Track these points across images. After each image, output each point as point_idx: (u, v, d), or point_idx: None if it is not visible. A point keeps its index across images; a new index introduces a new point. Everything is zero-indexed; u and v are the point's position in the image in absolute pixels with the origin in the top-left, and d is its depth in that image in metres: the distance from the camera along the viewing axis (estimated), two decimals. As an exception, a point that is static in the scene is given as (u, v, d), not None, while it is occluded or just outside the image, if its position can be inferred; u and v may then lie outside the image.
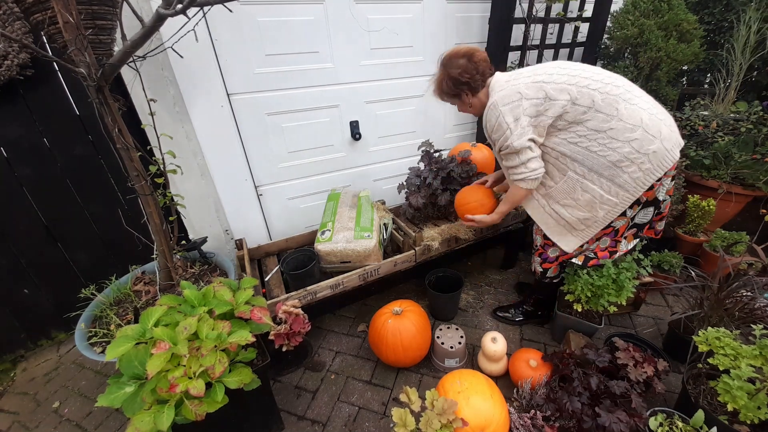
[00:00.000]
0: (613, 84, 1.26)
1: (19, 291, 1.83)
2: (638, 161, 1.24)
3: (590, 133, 1.26)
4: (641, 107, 1.23)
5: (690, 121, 2.38)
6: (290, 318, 1.48)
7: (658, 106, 1.30)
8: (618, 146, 1.24)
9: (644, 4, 2.35)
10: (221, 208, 2.01)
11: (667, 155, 1.23)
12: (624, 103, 1.23)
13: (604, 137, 1.25)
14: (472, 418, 1.18)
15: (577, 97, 1.25)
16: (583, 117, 1.26)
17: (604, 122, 1.24)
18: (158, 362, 0.94)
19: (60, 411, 1.65)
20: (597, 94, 1.24)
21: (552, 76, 1.29)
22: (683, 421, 1.20)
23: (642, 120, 1.22)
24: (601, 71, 1.33)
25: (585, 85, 1.25)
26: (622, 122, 1.22)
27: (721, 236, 2.10)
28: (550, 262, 1.64)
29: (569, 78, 1.28)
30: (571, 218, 1.41)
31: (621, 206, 1.33)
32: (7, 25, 1.38)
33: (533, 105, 1.28)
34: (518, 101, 1.29)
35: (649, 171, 1.25)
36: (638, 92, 1.29)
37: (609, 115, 1.23)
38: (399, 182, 2.09)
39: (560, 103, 1.25)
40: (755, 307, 1.44)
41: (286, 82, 1.92)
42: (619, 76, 1.33)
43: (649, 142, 1.22)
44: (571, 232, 1.46)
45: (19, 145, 1.62)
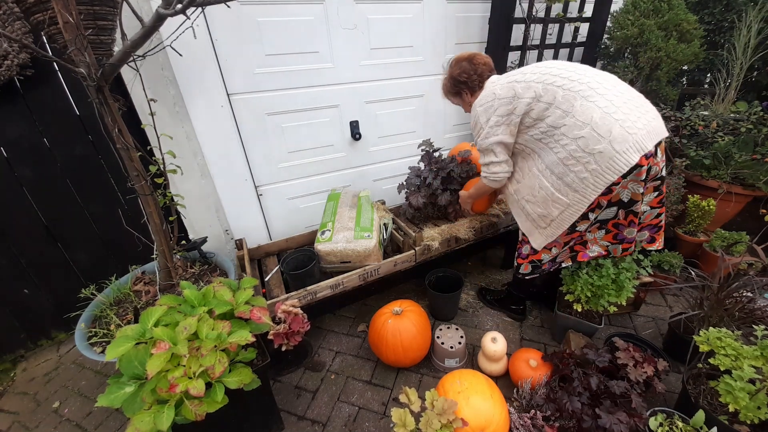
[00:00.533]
0: (578, 81, 1.23)
1: (19, 291, 1.83)
2: (583, 161, 1.19)
3: (549, 129, 1.27)
4: (598, 105, 1.17)
5: (690, 121, 2.38)
6: (289, 317, 1.47)
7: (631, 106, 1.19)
8: (566, 143, 1.22)
9: (644, 4, 2.35)
10: (221, 208, 2.01)
11: (618, 157, 1.14)
12: (581, 100, 1.20)
13: (558, 134, 1.25)
14: (472, 418, 1.18)
15: (542, 94, 1.27)
16: (545, 113, 1.27)
17: (560, 118, 1.23)
18: (158, 362, 0.94)
19: (60, 411, 1.65)
20: (560, 90, 1.24)
21: (526, 75, 1.34)
22: (683, 421, 1.20)
23: (592, 118, 1.17)
24: (580, 68, 1.30)
25: (551, 82, 1.26)
26: (574, 119, 1.20)
27: (721, 236, 2.10)
28: (523, 258, 1.65)
29: (540, 76, 1.30)
30: (533, 214, 1.43)
31: (573, 208, 1.28)
32: (7, 25, 1.38)
33: (503, 104, 1.34)
34: (491, 101, 1.37)
35: (597, 172, 1.18)
36: (607, 90, 1.21)
37: (565, 111, 1.22)
38: (399, 182, 2.09)
39: (525, 101, 1.29)
40: (755, 307, 1.44)
41: (286, 82, 1.92)
42: (599, 72, 1.29)
43: (595, 141, 1.16)
44: (537, 229, 1.46)
45: (19, 145, 1.62)
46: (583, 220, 1.34)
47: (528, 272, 1.67)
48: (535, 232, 1.48)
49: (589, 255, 1.53)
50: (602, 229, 1.44)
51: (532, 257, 1.59)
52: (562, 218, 1.33)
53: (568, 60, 2.57)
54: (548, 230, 1.41)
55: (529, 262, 1.62)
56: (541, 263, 1.59)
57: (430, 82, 2.31)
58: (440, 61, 2.28)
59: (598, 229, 1.45)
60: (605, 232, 1.45)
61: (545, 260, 1.57)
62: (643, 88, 2.52)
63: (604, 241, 1.48)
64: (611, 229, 1.42)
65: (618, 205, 1.33)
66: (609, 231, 1.43)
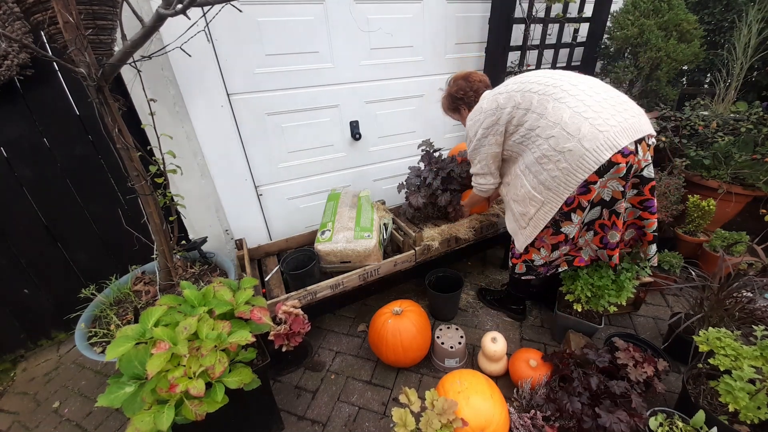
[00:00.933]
0: (552, 85, 1.28)
1: (19, 291, 1.83)
2: (554, 159, 1.22)
3: (527, 132, 1.33)
4: (568, 105, 1.21)
5: (690, 121, 2.37)
6: (290, 318, 1.48)
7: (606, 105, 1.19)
8: (540, 143, 1.27)
9: (644, 4, 2.35)
10: (221, 208, 2.01)
11: (587, 155, 1.15)
12: (553, 102, 1.24)
13: (533, 135, 1.30)
14: (472, 418, 1.18)
15: (520, 102, 1.33)
16: (524, 119, 1.33)
17: (536, 121, 1.28)
18: (158, 362, 0.94)
19: (60, 411, 1.65)
20: (535, 96, 1.29)
21: (508, 86, 1.40)
22: (683, 421, 1.20)
23: (562, 118, 1.20)
24: (559, 74, 1.34)
25: (528, 89, 1.32)
26: (546, 120, 1.24)
27: (721, 236, 2.10)
28: (517, 258, 1.65)
29: (520, 85, 1.36)
30: (517, 213, 1.47)
31: (548, 206, 1.30)
32: (7, 25, 1.38)
33: (488, 116, 1.41)
34: (478, 115, 1.45)
35: (567, 171, 1.20)
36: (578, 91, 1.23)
37: (540, 114, 1.27)
38: (399, 182, 2.09)
39: (507, 111, 1.36)
40: (755, 308, 1.44)
41: (286, 82, 1.92)
42: (579, 76, 1.32)
43: (564, 140, 1.19)
44: (519, 229, 1.49)
45: (19, 145, 1.62)
46: (566, 221, 1.34)
47: (523, 272, 1.66)
48: (518, 232, 1.52)
49: (585, 259, 1.52)
50: (590, 230, 1.44)
51: (524, 257, 1.60)
52: (538, 217, 1.37)
53: (567, 60, 2.58)
54: (527, 230, 1.44)
55: (523, 262, 1.63)
56: (533, 263, 1.58)
57: (430, 82, 2.31)
58: (440, 60, 2.28)
59: (587, 230, 1.45)
60: (593, 234, 1.45)
61: (537, 261, 1.56)
62: (643, 88, 2.53)
63: (594, 244, 1.48)
64: (598, 230, 1.42)
65: (601, 205, 1.33)
66: (596, 233, 1.43)
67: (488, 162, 1.51)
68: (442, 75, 2.33)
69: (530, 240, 1.45)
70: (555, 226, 1.37)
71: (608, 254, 1.46)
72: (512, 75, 2.35)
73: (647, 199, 1.34)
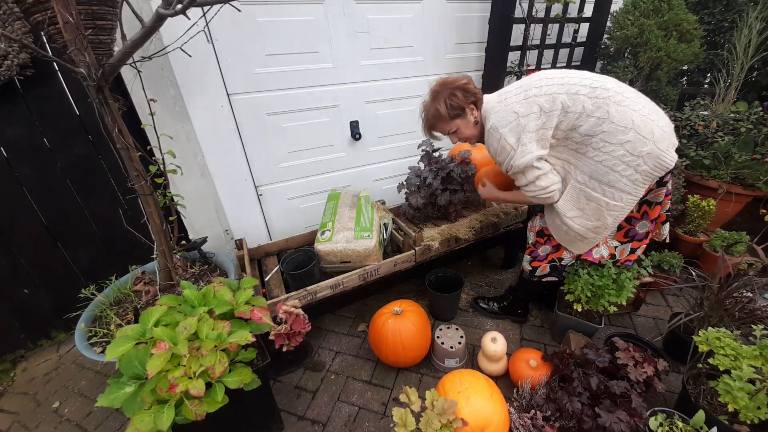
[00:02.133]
0: (602, 87, 1.25)
1: (19, 291, 1.83)
2: (634, 164, 1.22)
3: (584, 138, 1.27)
4: (632, 108, 1.21)
5: (690, 121, 2.38)
6: (290, 318, 1.48)
7: (650, 106, 1.27)
8: (612, 149, 1.23)
9: (644, 4, 2.35)
10: (221, 208, 2.01)
11: (663, 155, 1.20)
12: (615, 106, 1.22)
13: (598, 141, 1.24)
14: (472, 418, 1.18)
15: (569, 105, 1.26)
16: (576, 123, 1.26)
17: (596, 126, 1.24)
18: (158, 362, 0.94)
19: (60, 411, 1.65)
20: (586, 99, 1.25)
21: (542, 88, 1.30)
22: (683, 421, 1.20)
23: (633, 121, 1.20)
24: (588, 75, 1.32)
25: (575, 92, 1.26)
26: (614, 125, 1.21)
27: (721, 236, 2.10)
28: (540, 261, 1.64)
29: (559, 87, 1.29)
30: (581, 229, 1.39)
31: (627, 209, 1.31)
32: (7, 25, 1.38)
33: (531, 120, 1.29)
34: (515, 120, 1.30)
35: (647, 172, 1.23)
36: (629, 93, 1.27)
37: (600, 118, 1.23)
38: (399, 182, 2.09)
39: (555, 113, 1.27)
40: (755, 308, 1.44)
41: (286, 82, 1.92)
42: (608, 78, 1.32)
43: (641, 143, 1.19)
44: (582, 240, 1.44)
45: (19, 145, 1.62)
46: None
47: (546, 273, 1.66)
48: (577, 243, 1.47)
49: (594, 256, 1.52)
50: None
51: (552, 255, 1.58)
52: (615, 223, 1.37)
53: (567, 60, 2.57)
54: (598, 238, 1.43)
55: (549, 263, 1.62)
56: (561, 261, 1.59)
57: (430, 82, 2.30)
58: (440, 60, 2.28)
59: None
60: (618, 228, 1.45)
61: (566, 259, 1.57)
62: (643, 88, 2.52)
63: (615, 240, 1.48)
64: (623, 224, 1.43)
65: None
66: (621, 227, 1.44)
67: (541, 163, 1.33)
68: (442, 75, 2.31)
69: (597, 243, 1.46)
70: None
71: (632, 247, 1.49)
72: (512, 75, 2.35)
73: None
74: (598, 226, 1.36)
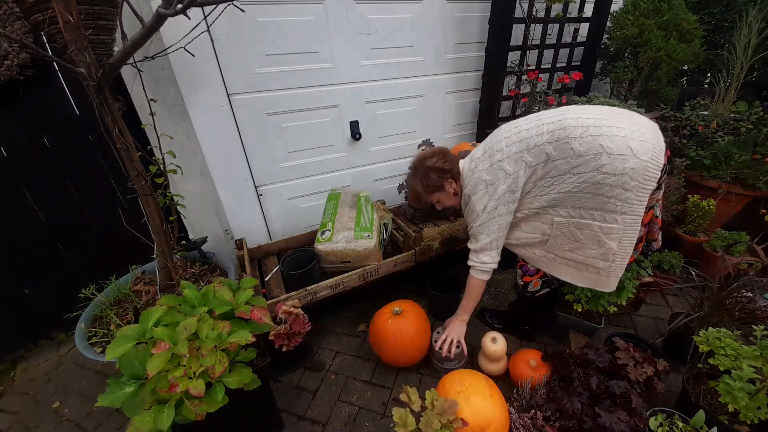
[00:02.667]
0: (559, 127, 1.22)
1: (19, 291, 1.83)
2: (620, 182, 1.17)
3: (556, 179, 1.26)
4: (596, 135, 1.17)
5: (690, 121, 2.37)
6: (290, 318, 1.48)
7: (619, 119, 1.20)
8: (589, 176, 1.19)
9: (644, 4, 2.35)
10: (221, 208, 2.01)
11: (649, 166, 1.15)
12: (576, 141, 1.19)
13: (570, 176, 1.23)
14: (472, 418, 1.18)
15: (531, 159, 1.26)
16: (543, 171, 1.26)
17: (564, 165, 1.22)
18: (158, 362, 0.94)
19: (60, 411, 1.65)
20: (547, 146, 1.23)
21: (503, 151, 1.32)
22: (683, 421, 1.20)
23: (602, 146, 1.16)
24: (545, 116, 1.29)
25: (534, 145, 1.26)
26: (582, 158, 1.19)
27: (721, 236, 2.10)
28: (531, 275, 1.60)
29: (518, 145, 1.29)
30: (587, 258, 1.34)
31: (630, 230, 1.23)
32: (7, 25, 1.38)
33: (498, 186, 1.33)
34: (484, 188, 1.36)
35: (638, 187, 1.17)
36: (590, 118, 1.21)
37: (566, 158, 1.21)
38: (399, 182, 2.09)
39: (521, 173, 1.29)
40: (755, 307, 1.44)
41: (286, 82, 1.92)
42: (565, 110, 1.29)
43: (621, 161, 1.15)
44: (599, 272, 1.35)
45: (19, 145, 1.62)
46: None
47: (537, 289, 1.62)
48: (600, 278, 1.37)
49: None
50: None
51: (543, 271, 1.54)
52: (623, 246, 1.27)
53: (567, 60, 2.57)
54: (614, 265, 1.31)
55: (540, 278, 1.58)
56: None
57: (430, 82, 2.31)
58: (440, 60, 2.28)
59: None
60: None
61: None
62: (643, 88, 2.52)
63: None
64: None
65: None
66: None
67: (500, 235, 1.40)
68: (442, 75, 2.33)
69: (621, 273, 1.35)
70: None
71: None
72: (512, 75, 2.35)
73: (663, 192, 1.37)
74: (604, 252, 1.29)
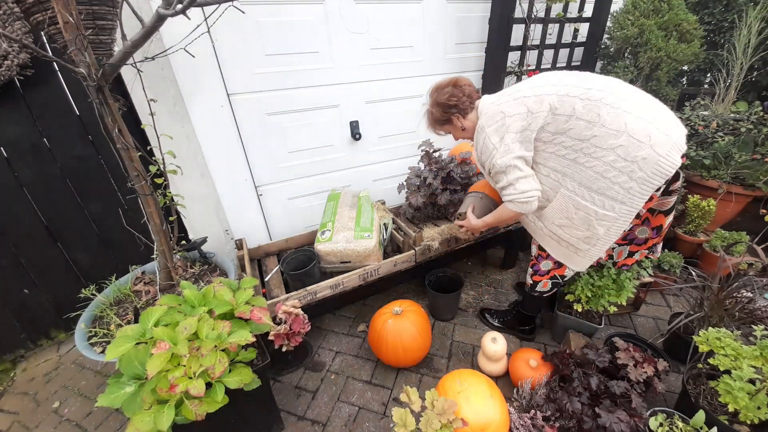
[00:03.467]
0: (595, 89, 1.18)
1: (19, 291, 1.83)
2: (627, 170, 1.12)
3: (574, 143, 1.20)
4: (626, 110, 1.12)
5: (690, 121, 2.38)
6: (290, 318, 1.48)
7: (654, 109, 1.16)
8: (602, 155, 1.15)
9: (644, 4, 2.35)
10: (221, 208, 2.01)
11: (662, 161, 1.09)
12: (606, 108, 1.14)
13: (589, 146, 1.17)
14: (472, 418, 1.18)
15: (557, 106, 1.21)
16: (565, 126, 1.20)
17: (586, 130, 1.16)
18: (158, 362, 0.94)
19: (60, 411, 1.65)
20: (578, 100, 1.18)
21: (533, 89, 1.27)
22: (683, 421, 1.20)
23: (626, 124, 1.11)
24: (589, 76, 1.25)
25: (565, 93, 1.20)
26: (605, 128, 1.13)
27: (721, 236, 2.10)
28: (541, 275, 1.59)
29: (550, 88, 1.24)
30: (571, 238, 1.33)
31: (622, 220, 1.21)
32: (7, 25, 1.38)
33: (516, 120, 1.26)
34: (501, 120, 1.29)
35: (643, 180, 1.12)
36: (626, 94, 1.17)
37: (590, 121, 1.15)
38: (399, 182, 2.09)
39: (542, 115, 1.23)
40: (755, 307, 1.44)
41: (286, 82, 1.92)
42: (610, 79, 1.24)
43: (636, 147, 1.10)
44: (577, 252, 1.36)
45: (19, 145, 1.62)
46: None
47: (548, 289, 1.61)
48: (574, 257, 1.38)
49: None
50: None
51: (555, 272, 1.52)
52: (610, 234, 1.25)
53: (567, 60, 2.57)
54: (594, 250, 1.32)
55: (550, 278, 1.56)
56: (564, 278, 1.54)
57: (430, 82, 2.30)
58: (440, 60, 2.28)
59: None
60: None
61: (568, 273, 1.51)
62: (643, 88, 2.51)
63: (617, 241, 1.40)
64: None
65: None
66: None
67: (524, 164, 1.30)
68: (442, 75, 2.32)
69: (595, 259, 1.35)
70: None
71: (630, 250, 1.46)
72: (512, 75, 2.35)
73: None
74: (589, 237, 1.28)
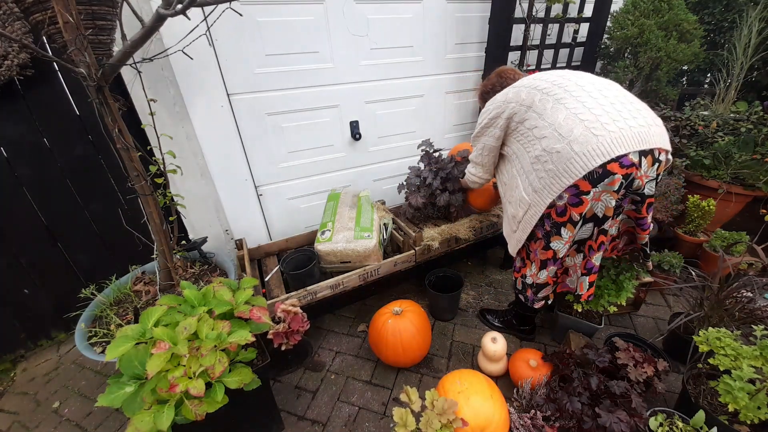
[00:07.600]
0: (558, 84, 1.21)
1: (19, 291, 1.83)
2: (543, 160, 1.16)
3: (526, 131, 1.27)
4: (566, 106, 1.14)
5: (690, 121, 2.38)
6: (289, 316, 1.47)
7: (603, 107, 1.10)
8: (535, 144, 1.22)
9: (644, 4, 2.35)
10: (221, 208, 2.01)
11: (575, 159, 1.06)
12: (553, 102, 1.18)
13: (530, 136, 1.24)
14: (472, 418, 1.18)
15: (525, 98, 1.27)
16: (525, 116, 1.26)
17: (535, 121, 1.22)
18: (158, 362, 0.94)
19: (60, 411, 1.65)
20: (539, 94, 1.24)
21: (523, 81, 1.35)
22: (683, 421, 1.20)
23: (557, 119, 1.14)
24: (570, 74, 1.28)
25: (535, 86, 1.26)
26: (543, 121, 1.18)
27: (721, 236, 2.10)
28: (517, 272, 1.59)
29: (532, 81, 1.31)
30: (510, 215, 1.45)
31: (534, 209, 1.27)
32: (7, 25, 1.38)
33: (495, 108, 1.37)
34: (490, 104, 1.41)
35: (553, 173, 1.14)
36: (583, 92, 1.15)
37: (539, 114, 1.21)
38: (399, 182, 2.09)
39: (511, 105, 1.30)
40: (755, 307, 1.44)
41: (286, 82, 1.92)
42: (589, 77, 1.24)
43: (555, 141, 1.12)
44: (511, 233, 1.48)
45: (19, 145, 1.62)
46: (556, 235, 1.27)
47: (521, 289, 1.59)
48: (511, 236, 1.50)
49: (569, 285, 1.47)
50: (580, 252, 1.35)
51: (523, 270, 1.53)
52: (525, 220, 1.33)
53: (567, 60, 2.57)
54: (517, 234, 1.42)
55: (521, 276, 1.56)
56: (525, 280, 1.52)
57: (430, 82, 2.31)
58: (440, 60, 2.28)
59: (577, 252, 1.36)
60: (582, 257, 1.34)
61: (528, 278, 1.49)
62: (643, 88, 2.53)
63: (580, 270, 1.37)
64: (587, 253, 1.31)
65: (593, 221, 1.22)
66: (585, 256, 1.33)
67: (483, 153, 1.48)
68: (442, 75, 2.33)
69: (520, 245, 1.45)
70: (546, 238, 1.31)
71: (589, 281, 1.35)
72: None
73: (642, 217, 1.25)
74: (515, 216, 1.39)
